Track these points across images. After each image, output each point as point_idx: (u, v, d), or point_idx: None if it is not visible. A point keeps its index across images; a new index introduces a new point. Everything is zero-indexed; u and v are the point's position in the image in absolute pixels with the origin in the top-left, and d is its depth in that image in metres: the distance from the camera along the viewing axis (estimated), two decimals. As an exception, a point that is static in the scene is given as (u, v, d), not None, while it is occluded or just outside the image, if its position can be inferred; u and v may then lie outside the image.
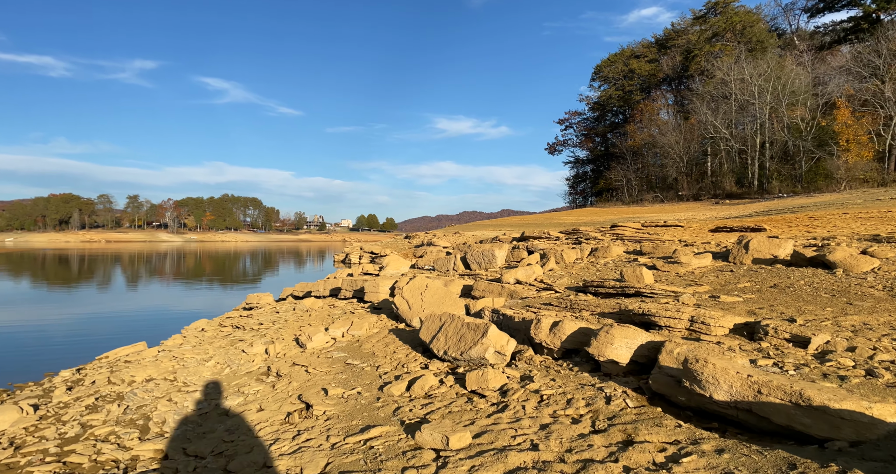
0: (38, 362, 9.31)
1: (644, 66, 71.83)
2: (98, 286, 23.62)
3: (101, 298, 18.97)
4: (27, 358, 9.70)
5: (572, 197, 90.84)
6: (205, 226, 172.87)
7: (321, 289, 11.75)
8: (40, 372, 8.35)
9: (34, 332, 12.28)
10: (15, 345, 10.93)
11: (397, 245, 46.33)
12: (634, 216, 39.08)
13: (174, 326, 11.40)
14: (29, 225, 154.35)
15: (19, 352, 10.35)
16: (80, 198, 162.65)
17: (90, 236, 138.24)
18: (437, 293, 6.72)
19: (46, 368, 8.61)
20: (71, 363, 8.60)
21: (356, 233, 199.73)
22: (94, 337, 11.77)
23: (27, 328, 12.92)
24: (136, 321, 14.17)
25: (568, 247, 10.66)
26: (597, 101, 79.64)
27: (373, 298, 9.27)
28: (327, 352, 5.84)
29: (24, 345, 11.02)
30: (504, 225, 49.44)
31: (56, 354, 9.90)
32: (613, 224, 15.84)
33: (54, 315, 14.94)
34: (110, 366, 7.13)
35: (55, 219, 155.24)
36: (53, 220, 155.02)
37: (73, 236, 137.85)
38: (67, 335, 12.01)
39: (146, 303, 18.26)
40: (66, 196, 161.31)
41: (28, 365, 9.14)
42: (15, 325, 13.13)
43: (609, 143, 78.52)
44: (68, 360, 9.03)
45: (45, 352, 10.15)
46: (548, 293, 6.61)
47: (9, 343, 11.04)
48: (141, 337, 10.93)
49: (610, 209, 51.62)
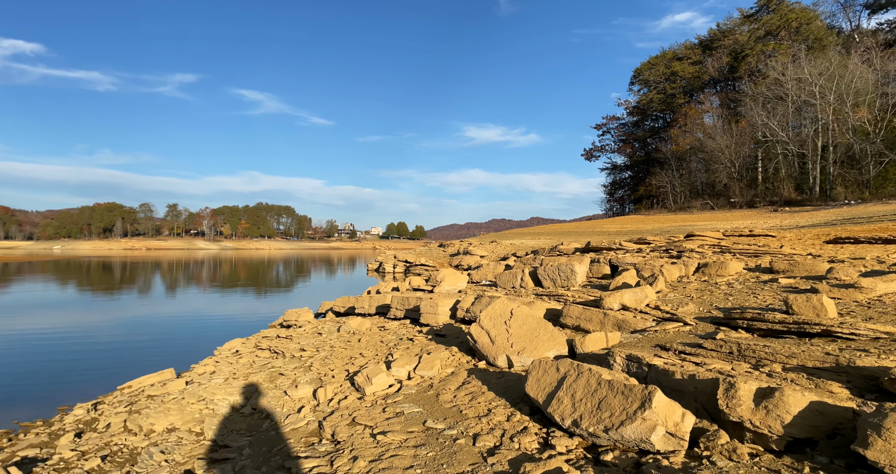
0: (60, 385, 8.29)
1: (687, 69, 69.00)
2: (138, 293, 23.91)
3: (138, 306, 18.79)
4: (50, 378, 8.69)
5: (609, 204, 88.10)
6: (240, 233, 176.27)
7: (366, 305, 10.46)
8: (59, 399, 7.31)
9: (65, 344, 11.46)
10: (43, 360, 10.01)
11: (432, 253, 45.03)
12: (684, 224, 36.70)
13: (209, 339, 11.10)
14: (75, 233, 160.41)
15: (45, 368, 9.40)
16: (123, 207, 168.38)
17: (132, 244, 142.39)
18: (528, 323, 5.28)
19: (66, 394, 7.60)
20: (94, 388, 7.62)
21: (386, 241, 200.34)
22: (125, 352, 10.78)
23: (59, 337, 12.18)
24: (171, 331, 13.37)
25: (666, 261, 9.00)
26: (636, 105, 77.05)
27: (430, 321, 7.90)
28: (394, 400, 4.47)
29: (51, 360, 10.09)
30: (542, 233, 47.61)
31: (82, 374, 8.88)
32: (689, 233, 14.10)
33: (90, 324, 14.41)
34: (131, 403, 5.97)
35: (99, 227, 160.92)
36: (98, 228, 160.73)
37: (116, 244, 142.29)
38: (99, 349, 11.12)
39: (183, 309, 18.06)
40: (110, 205, 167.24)
41: (49, 387, 8.15)
42: (50, 336, 12.39)
43: (649, 149, 75.65)
44: (91, 386, 8.04)
45: (72, 371, 9.13)
46: (675, 326, 5.09)
47: (38, 357, 10.20)
48: (173, 352, 10.25)
49: (655, 217, 49.14)
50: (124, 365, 9.29)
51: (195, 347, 10.25)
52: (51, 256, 76.89)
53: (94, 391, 7.36)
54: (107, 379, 8.17)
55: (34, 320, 14.77)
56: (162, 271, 42.00)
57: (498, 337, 5.26)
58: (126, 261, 62.97)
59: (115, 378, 7.99)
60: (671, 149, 65.25)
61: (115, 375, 8.43)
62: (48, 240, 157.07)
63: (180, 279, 33.74)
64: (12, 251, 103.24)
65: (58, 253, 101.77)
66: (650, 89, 73.67)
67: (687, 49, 72.54)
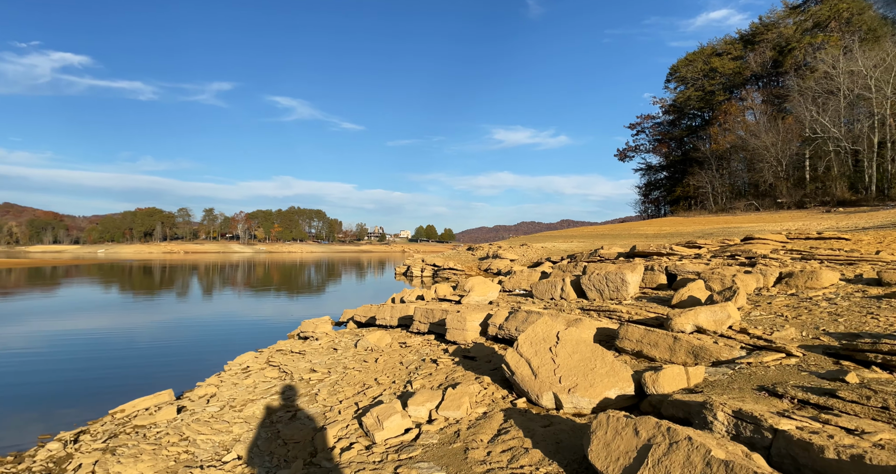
0: (60, 401, 7.65)
1: (727, 64, 66.03)
2: (176, 296, 24.66)
3: (175, 309, 19.20)
4: (57, 392, 8.09)
5: (644, 206, 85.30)
6: (273, 237, 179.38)
7: (387, 316, 9.51)
8: (48, 423, 6.62)
9: (99, 349, 11.18)
10: (57, 370, 9.50)
11: (460, 257, 43.92)
12: (728, 226, 34.58)
13: (232, 345, 10.94)
14: (118, 237, 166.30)
15: (56, 378, 8.89)
16: (163, 212, 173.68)
17: (170, 247, 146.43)
18: (579, 350, 4.19)
19: (63, 414, 6.94)
20: (102, 403, 6.98)
21: (415, 244, 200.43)
22: (147, 359, 10.36)
23: (97, 341, 11.97)
24: (198, 336, 13.13)
25: (738, 270, 7.68)
26: (673, 103, 74.28)
27: (458, 338, 6.87)
28: (409, 455, 3.46)
29: (65, 369, 9.59)
30: (574, 236, 45.96)
31: (88, 388, 8.26)
32: (746, 236, 12.62)
33: (128, 327, 14.42)
34: (113, 435, 5.15)
35: (140, 232, 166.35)
36: (139, 233, 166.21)
37: (156, 247, 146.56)
38: (126, 356, 10.75)
39: (215, 312, 18.32)
40: (150, 210, 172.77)
41: (62, 399, 7.59)
42: (89, 340, 12.20)
43: (687, 148, 72.75)
44: (98, 400, 7.46)
45: (81, 384, 8.53)
46: (774, 358, 3.91)
47: (74, 363, 9.95)
48: (189, 361, 9.87)
49: (695, 218, 46.80)
50: (139, 376, 8.87)
51: (211, 357, 9.77)
52: (95, 260, 79.36)
53: (100, 407, 6.81)
54: (115, 393, 7.68)
55: (75, 323, 14.86)
56: (199, 274, 42.83)
57: (541, 368, 4.19)
58: (165, 264, 64.56)
59: (127, 390, 7.62)
60: (710, 148, 62.45)
61: (127, 387, 8.05)
62: (93, 243, 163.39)
63: (216, 282, 34.46)
64: (60, 255, 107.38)
65: (102, 256, 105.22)
66: (687, 86, 70.88)
67: (727, 44, 69.47)
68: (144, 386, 7.95)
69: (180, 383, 7.85)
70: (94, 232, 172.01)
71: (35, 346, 11.53)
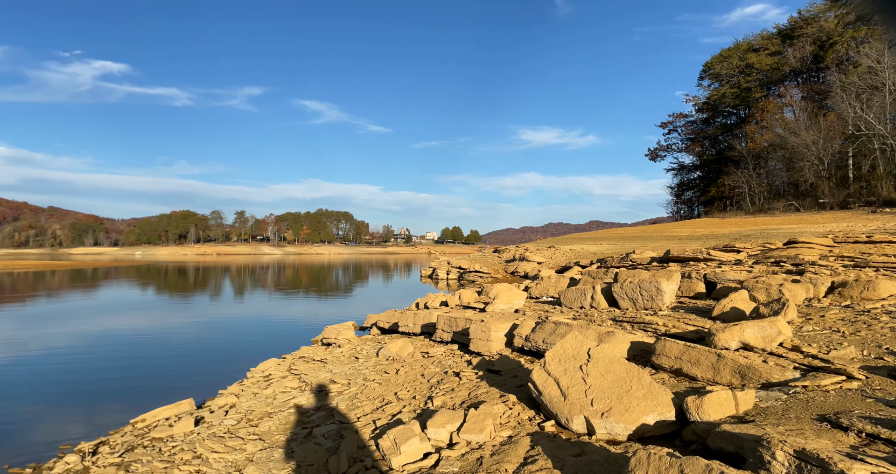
0: (90, 404, 7.74)
1: (765, 60, 63.64)
2: (209, 296, 25.72)
3: (207, 310, 19.77)
4: (89, 394, 8.22)
5: (677, 207, 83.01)
6: (302, 239, 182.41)
7: (410, 323, 9.29)
8: (76, 427, 6.67)
9: (120, 353, 11.36)
10: (93, 370, 9.71)
11: (486, 259, 43.48)
12: (766, 228, 33.19)
13: (260, 347, 11.10)
14: (154, 239, 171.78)
15: (91, 378, 9.08)
16: (196, 215, 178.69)
17: (204, 249, 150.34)
18: (613, 370, 3.86)
19: (90, 419, 7.03)
20: (120, 411, 7.04)
21: (441, 246, 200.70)
22: (177, 359, 10.56)
23: (117, 344, 12.17)
24: (228, 337, 13.42)
25: (785, 278, 7.14)
26: (706, 100, 72.10)
27: (482, 349, 6.58)
28: (427, 484, 3.19)
29: (100, 369, 9.77)
30: (603, 238, 45.00)
31: (118, 391, 8.42)
32: (790, 240, 11.87)
33: (157, 327, 14.90)
34: (129, 448, 5.07)
35: (175, 234, 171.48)
36: (174, 235, 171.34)
37: (190, 249, 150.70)
38: (152, 356, 11.02)
39: (246, 312, 18.82)
40: (184, 213, 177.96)
41: (81, 405, 7.70)
42: (111, 344, 12.39)
43: (721, 147, 70.44)
44: (121, 404, 7.63)
45: (112, 385, 8.67)
46: (833, 380, 3.50)
47: (114, 362, 10.34)
48: (216, 365, 9.93)
49: (731, 220, 45.21)
50: (168, 378, 9.12)
51: (237, 361, 9.94)
52: (133, 261, 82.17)
53: (128, 410, 6.93)
54: (142, 397, 7.86)
55: (113, 323, 15.44)
56: (231, 276, 43.98)
57: (571, 388, 3.87)
58: (199, 266, 66.56)
59: (154, 394, 7.79)
60: (747, 147, 60.27)
61: (154, 390, 8.19)
62: (131, 246, 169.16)
63: (247, 283, 35.52)
64: (100, 257, 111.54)
65: (139, 258, 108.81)
66: (722, 83, 68.65)
67: (764, 39, 66.99)
68: (171, 390, 8.08)
69: (205, 388, 7.87)
70: (131, 234, 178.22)
71: (73, 346, 11.89)
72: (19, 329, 14.47)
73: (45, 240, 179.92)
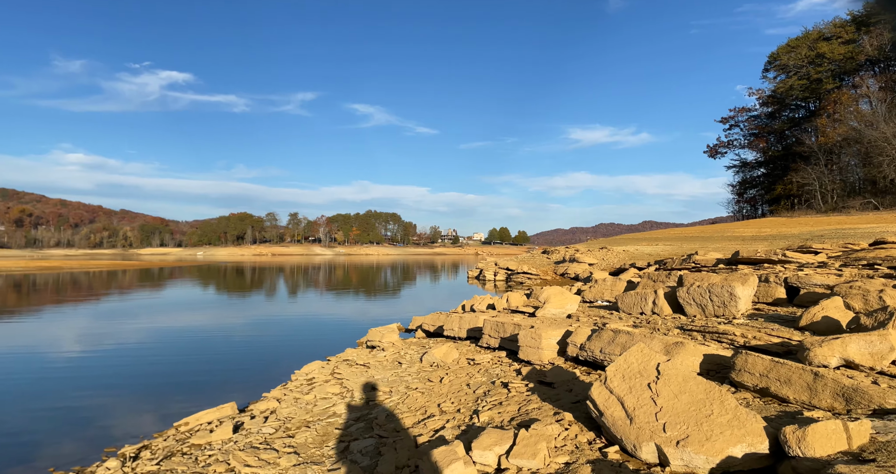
0: (142, 402, 7.88)
1: (837, 49, 59.10)
2: (265, 296, 26.80)
3: (261, 309, 20.40)
4: (143, 391, 8.41)
5: (739, 206, 78.57)
6: (351, 240, 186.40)
7: (455, 327, 8.91)
8: (124, 427, 6.74)
9: (177, 351, 11.68)
10: (150, 365, 10.03)
11: (534, 261, 42.44)
12: (842, 227, 30.58)
13: (309, 347, 11.21)
14: (214, 240, 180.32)
15: (146, 374, 9.40)
16: (252, 217, 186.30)
17: (260, 250, 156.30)
18: (688, 390, 3.32)
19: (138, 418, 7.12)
20: (169, 411, 7.12)
21: (488, 247, 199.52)
22: (228, 358, 10.76)
23: (174, 343, 12.51)
24: (279, 337, 13.58)
25: (885, 283, 6.22)
26: (772, 93, 67.86)
27: (532, 357, 6.10)
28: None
29: (156, 366, 10.04)
30: (659, 238, 43.04)
31: (171, 388, 8.55)
32: (877, 240, 10.60)
33: (213, 325, 15.31)
34: (168, 455, 4.94)
35: (233, 235, 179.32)
36: (232, 236, 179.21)
37: (247, 250, 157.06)
38: (207, 353, 11.39)
39: (296, 311, 19.23)
40: (242, 215, 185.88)
41: (134, 403, 7.86)
42: (169, 342, 12.76)
43: (788, 142, 66.04)
44: (171, 403, 7.67)
45: (164, 383, 8.86)
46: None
47: (180, 356, 10.81)
48: (270, 360, 10.26)
49: (801, 219, 42.12)
50: (217, 376, 9.26)
51: (284, 361, 9.95)
52: (195, 262, 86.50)
53: (179, 408, 7.04)
54: (191, 397, 7.99)
55: (174, 321, 16.04)
56: (284, 275, 45.63)
57: (638, 410, 3.35)
58: (255, 265, 69.23)
59: (203, 393, 7.97)
60: (817, 142, 56.19)
61: (203, 390, 8.31)
62: (193, 246, 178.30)
63: (300, 283, 36.88)
64: (165, 257, 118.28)
65: (200, 258, 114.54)
66: (789, 75, 64.32)
67: (836, 27, 62.20)
68: (219, 389, 8.18)
69: (252, 389, 7.92)
70: (194, 235, 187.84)
71: (134, 343, 12.37)
72: (88, 326, 15.26)
73: (117, 241, 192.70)
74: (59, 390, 8.36)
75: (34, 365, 10.11)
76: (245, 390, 7.96)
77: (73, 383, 8.75)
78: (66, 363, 10.33)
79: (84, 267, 52.38)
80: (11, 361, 10.46)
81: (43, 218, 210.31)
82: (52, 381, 8.89)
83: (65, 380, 8.94)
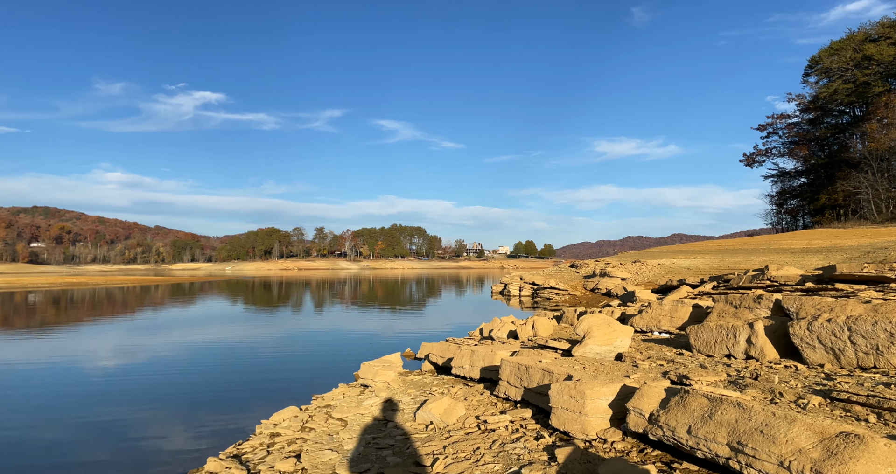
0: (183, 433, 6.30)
1: (886, 50, 55.39)
2: (292, 310, 26.52)
3: (287, 322, 20.31)
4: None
5: (778, 217, 74.14)
6: (377, 254, 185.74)
7: (466, 364, 6.97)
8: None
9: (182, 377, 10.31)
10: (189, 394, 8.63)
11: (562, 275, 39.82)
12: (907, 240, 27.35)
13: (307, 374, 10.15)
14: (243, 255, 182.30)
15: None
16: (280, 231, 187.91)
17: (286, 264, 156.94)
18: None
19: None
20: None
21: (514, 260, 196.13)
22: (256, 380, 9.21)
23: (180, 368, 11.11)
24: (295, 352, 12.73)
25: None
26: (813, 99, 63.99)
27: (570, 426, 4.12)
28: None
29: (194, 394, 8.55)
30: (696, 251, 40.07)
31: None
32: None
33: (250, 342, 14.63)
34: None
35: (261, 250, 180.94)
36: (260, 251, 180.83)
37: (274, 264, 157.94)
38: (243, 379, 9.94)
39: (324, 325, 18.87)
40: (269, 230, 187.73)
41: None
42: (181, 361, 11.66)
43: (832, 149, 61.96)
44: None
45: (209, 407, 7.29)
46: None
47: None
48: (289, 385, 9.28)
49: (854, 230, 38.63)
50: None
51: (291, 390, 8.67)
52: (224, 276, 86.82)
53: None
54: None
55: (191, 338, 15.39)
56: (311, 290, 44.81)
57: None
58: (282, 279, 68.75)
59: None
60: (867, 148, 52.29)
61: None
62: (222, 261, 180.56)
63: (324, 298, 36.06)
64: (196, 272, 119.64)
65: (229, 273, 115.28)
66: (833, 79, 60.56)
67: (885, 27, 58.47)
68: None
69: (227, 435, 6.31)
70: (223, 250, 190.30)
71: (140, 362, 11.38)
72: (120, 341, 14.67)
73: (150, 257, 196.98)
74: (87, 404, 7.80)
75: (98, 379, 9.66)
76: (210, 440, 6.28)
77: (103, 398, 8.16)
78: (101, 378, 9.80)
79: (118, 283, 52.28)
80: (53, 374, 10.18)
81: (81, 234, 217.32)
82: (86, 396, 8.40)
83: (94, 395, 8.43)
